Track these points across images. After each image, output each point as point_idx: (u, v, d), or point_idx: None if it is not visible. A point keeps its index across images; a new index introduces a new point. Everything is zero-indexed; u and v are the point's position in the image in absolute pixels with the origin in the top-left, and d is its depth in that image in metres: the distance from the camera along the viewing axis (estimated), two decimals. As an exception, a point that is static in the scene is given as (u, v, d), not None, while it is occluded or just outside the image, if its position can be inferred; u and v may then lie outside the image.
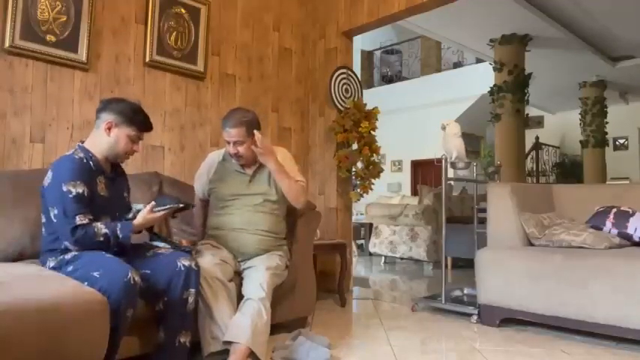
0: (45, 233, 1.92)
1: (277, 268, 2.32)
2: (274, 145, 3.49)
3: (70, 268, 1.78)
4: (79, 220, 1.77)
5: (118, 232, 1.84)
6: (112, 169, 2.05)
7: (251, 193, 2.41)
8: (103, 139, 1.94)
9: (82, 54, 2.80)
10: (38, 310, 1.43)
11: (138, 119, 1.98)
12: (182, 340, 1.89)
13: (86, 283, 1.66)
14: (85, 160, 1.90)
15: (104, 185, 1.94)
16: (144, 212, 1.92)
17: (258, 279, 2.16)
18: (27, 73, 2.65)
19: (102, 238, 1.80)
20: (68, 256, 1.82)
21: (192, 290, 1.91)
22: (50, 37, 2.70)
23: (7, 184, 2.26)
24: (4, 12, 2.55)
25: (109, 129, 1.93)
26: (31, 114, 2.66)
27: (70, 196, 1.78)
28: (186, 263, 1.90)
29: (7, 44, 2.54)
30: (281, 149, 2.64)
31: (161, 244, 2.07)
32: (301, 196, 2.44)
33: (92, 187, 1.87)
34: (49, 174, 1.86)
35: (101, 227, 1.81)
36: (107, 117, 1.94)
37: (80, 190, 1.80)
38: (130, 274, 1.66)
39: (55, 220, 1.81)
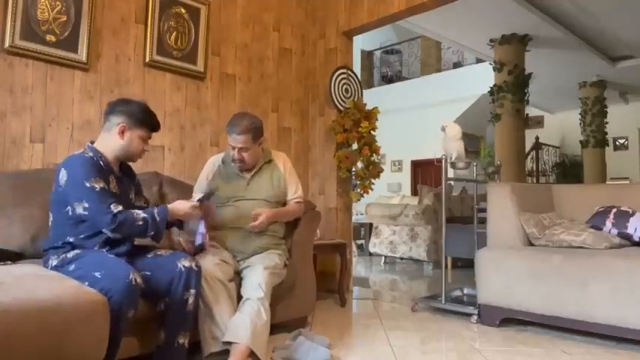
0: (52, 232, 1.92)
1: (276, 267, 2.32)
2: (274, 147, 3.50)
3: (71, 267, 1.78)
4: (114, 207, 1.80)
5: (156, 214, 1.88)
6: (120, 169, 2.06)
7: (249, 195, 2.43)
8: (116, 141, 1.96)
9: (82, 54, 2.80)
10: (39, 310, 1.43)
11: (149, 120, 2.02)
12: (181, 341, 1.90)
13: (87, 283, 1.66)
14: (95, 159, 1.91)
15: (115, 184, 1.96)
16: (182, 202, 2.02)
17: (257, 279, 2.16)
18: (27, 73, 2.65)
19: (141, 222, 1.84)
20: (70, 254, 1.83)
21: (193, 291, 1.91)
22: (50, 37, 2.70)
23: (7, 184, 2.27)
24: (4, 12, 2.55)
25: (122, 132, 1.95)
26: (31, 114, 2.66)
27: (97, 190, 1.81)
28: (187, 264, 1.91)
29: (7, 44, 2.54)
30: (281, 155, 2.65)
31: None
32: (299, 213, 2.63)
33: (107, 184, 1.89)
34: (64, 172, 1.85)
35: (139, 212, 1.86)
36: (118, 120, 1.95)
37: (102, 185, 1.84)
38: (131, 275, 1.66)
39: (86, 213, 1.80)
